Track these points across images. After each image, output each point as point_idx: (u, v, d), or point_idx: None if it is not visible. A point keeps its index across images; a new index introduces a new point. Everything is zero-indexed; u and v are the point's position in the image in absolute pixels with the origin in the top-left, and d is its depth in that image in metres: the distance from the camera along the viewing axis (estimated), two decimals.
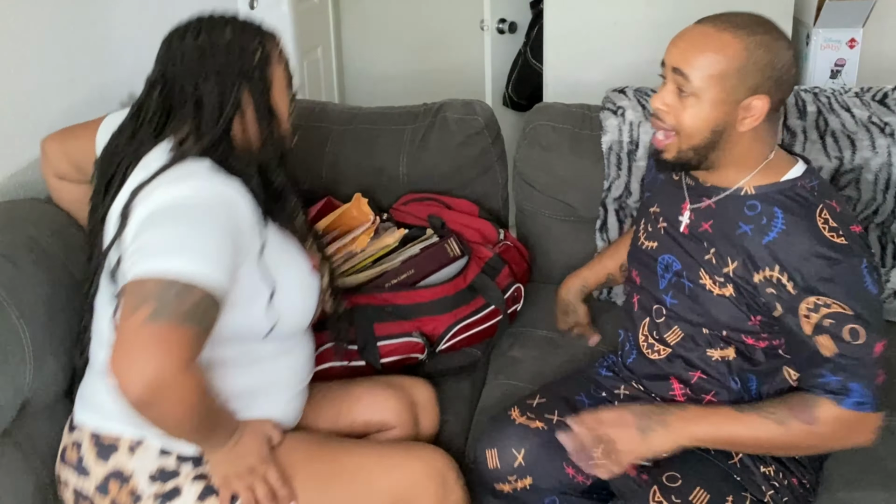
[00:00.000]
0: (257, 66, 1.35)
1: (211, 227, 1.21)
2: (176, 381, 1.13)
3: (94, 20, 1.95)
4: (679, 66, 1.32)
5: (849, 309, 1.28)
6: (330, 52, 3.82)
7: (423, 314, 1.80)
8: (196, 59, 1.33)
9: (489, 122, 2.14)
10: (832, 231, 1.30)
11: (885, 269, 1.95)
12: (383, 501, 1.38)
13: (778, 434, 1.32)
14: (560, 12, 2.73)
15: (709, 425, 1.37)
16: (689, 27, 1.35)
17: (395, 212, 2.06)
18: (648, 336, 1.52)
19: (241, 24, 1.39)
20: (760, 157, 1.38)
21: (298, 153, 2.16)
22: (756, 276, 1.35)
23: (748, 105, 1.30)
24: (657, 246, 1.51)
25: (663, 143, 1.38)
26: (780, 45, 1.31)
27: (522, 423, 1.52)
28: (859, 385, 1.29)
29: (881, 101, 1.94)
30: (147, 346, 1.12)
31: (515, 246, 2.06)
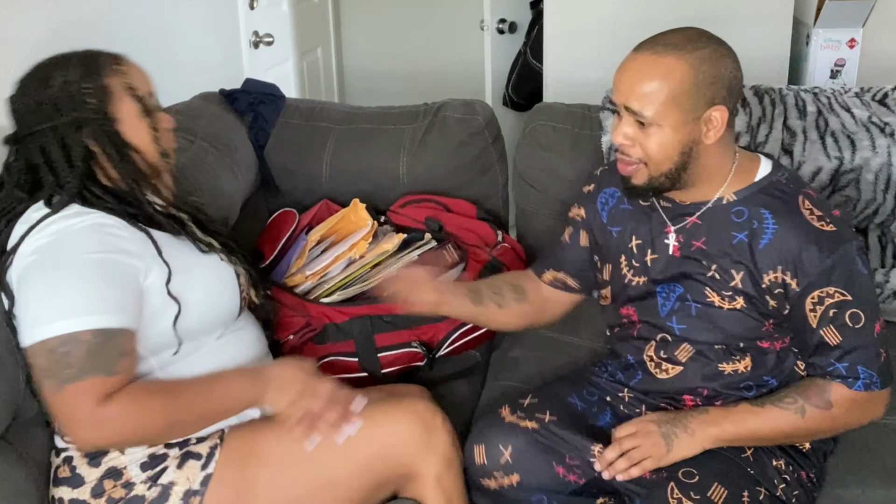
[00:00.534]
0: (94, 109, 1.34)
1: (78, 267, 1.25)
2: (104, 424, 1.22)
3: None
4: (629, 104, 1.31)
5: (848, 295, 1.32)
6: (330, 52, 3.83)
7: (422, 322, 1.80)
8: (33, 115, 1.34)
9: (489, 122, 2.14)
10: (820, 220, 1.33)
11: (885, 269, 1.95)
12: (369, 450, 1.39)
13: (798, 422, 1.36)
14: (560, 12, 2.72)
15: (731, 424, 1.39)
16: (629, 58, 1.34)
17: (393, 214, 2.06)
18: (654, 356, 1.50)
19: (75, 66, 1.36)
20: (729, 163, 1.40)
21: (299, 153, 2.18)
22: (763, 281, 1.36)
23: (708, 118, 1.31)
24: (646, 280, 1.48)
25: (630, 171, 1.38)
26: (721, 53, 1.32)
27: (512, 421, 1.52)
28: (865, 367, 1.34)
29: (881, 101, 1.94)
30: (63, 413, 1.23)
31: (513, 248, 2.06)
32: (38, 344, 1.22)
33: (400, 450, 1.41)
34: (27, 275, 1.26)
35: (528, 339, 1.94)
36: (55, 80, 1.34)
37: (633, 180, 1.38)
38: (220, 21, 2.63)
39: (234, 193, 2.02)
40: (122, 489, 1.33)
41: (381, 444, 1.40)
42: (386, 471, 1.41)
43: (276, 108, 2.23)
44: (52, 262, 1.26)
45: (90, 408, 1.21)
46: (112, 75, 1.37)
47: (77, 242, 1.27)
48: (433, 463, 1.42)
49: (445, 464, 1.44)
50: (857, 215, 1.94)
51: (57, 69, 1.36)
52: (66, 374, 1.21)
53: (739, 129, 1.94)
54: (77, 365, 1.21)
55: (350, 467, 1.38)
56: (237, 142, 2.13)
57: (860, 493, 1.47)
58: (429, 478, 1.42)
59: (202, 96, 2.21)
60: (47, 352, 1.22)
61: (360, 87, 4.05)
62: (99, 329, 1.23)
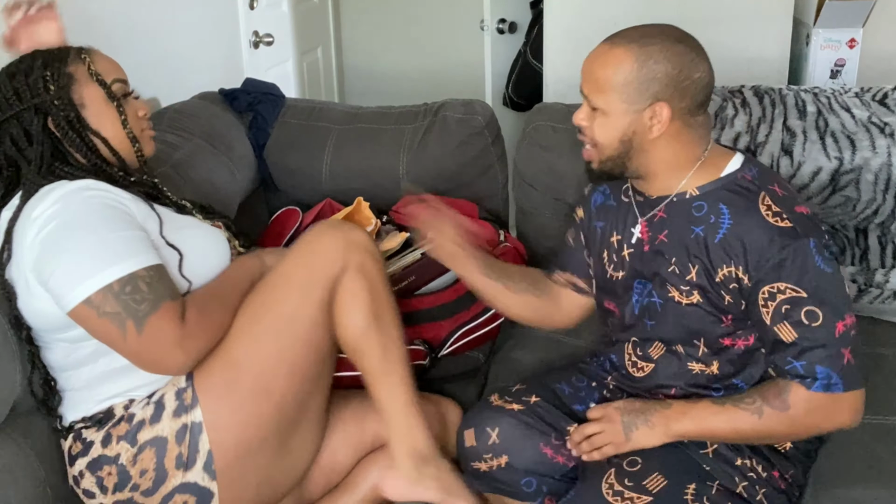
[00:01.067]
0: (55, 95, 1.39)
1: (103, 218, 1.32)
2: (190, 338, 1.33)
3: None
4: (583, 88, 1.40)
5: (802, 292, 1.30)
6: (330, 52, 3.83)
7: (424, 321, 1.81)
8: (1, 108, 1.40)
9: (489, 122, 2.14)
10: (776, 216, 1.32)
11: (885, 269, 1.95)
12: (301, 273, 1.46)
13: (756, 423, 1.35)
14: (560, 12, 2.72)
15: (690, 421, 1.40)
16: (594, 48, 1.42)
17: (395, 214, 2.06)
18: (632, 354, 1.53)
19: (39, 58, 1.42)
20: (691, 157, 1.40)
21: (298, 153, 2.18)
22: (717, 275, 1.37)
23: (652, 113, 1.34)
24: (624, 275, 1.50)
25: (588, 155, 1.44)
26: (675, 51, 1.33)
27: (498, 404, 1.57)
28: (824, 368, 1.30)
29: (881, 101, 1.94)
30: (152, 347, 1.31)
31: (515, 247, 2.06)
32: (100, 292, 1.27)
33: (327, 259, 1.46)
34: (51, 242, 1.30)
35: (529, 340, 1.94)
36: (19, 73, 1.41)
37: (591, 164, 1.44)
38: (220, 21, 2.63)
39: (230, 189, 2.02)
40: (125, 423, 1.39)
41: (309, 262, 1.47)
42: (324, 279, 1.46)
43: (275, 108, 2.23)
44: (75, 220, 1.31)
45: (176, 329, 1.31)
46: (76, 63, 1.43)
47: (86, 198, 1.33)
48: (356, 254, 1.48)
49: (367, 253, 1.50)
50: (857, 215, 1.94)
51: (22, 63, 1.42)
52: (142, 308, 1.29)
53: (739, 129, 1.94)
54: (148, 298, 1.29)
55: (295, 297, 1.44)
56: (237, 142, 2.13)
57: (859, 493, 1.47)
58: (353, 267, 1.47)
59: (202, 96, 2.21)
60: (114, 296, 1.28)
61: (360, 87, 4.05)
62: (149, 265, 1.32)
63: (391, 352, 1.51)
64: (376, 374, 1.51)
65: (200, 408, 1.38)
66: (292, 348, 1.43)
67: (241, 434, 1.40)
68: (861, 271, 1.96)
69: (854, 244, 1.99)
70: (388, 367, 1.50)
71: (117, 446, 1.38)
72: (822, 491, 1.48)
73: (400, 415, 1.52)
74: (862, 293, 1.91)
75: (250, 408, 1.40)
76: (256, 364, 1.41)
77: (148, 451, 1.37)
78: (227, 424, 1.39)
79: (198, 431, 1.37)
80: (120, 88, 1.46)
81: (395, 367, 1.51)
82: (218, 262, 1.49)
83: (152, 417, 1.38)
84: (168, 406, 1.38)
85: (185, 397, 1.38)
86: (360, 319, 1.48)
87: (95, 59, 1.45)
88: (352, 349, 1.50)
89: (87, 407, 1.42)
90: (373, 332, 1.48)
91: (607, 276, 1.55)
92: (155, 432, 1.37)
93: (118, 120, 1.44)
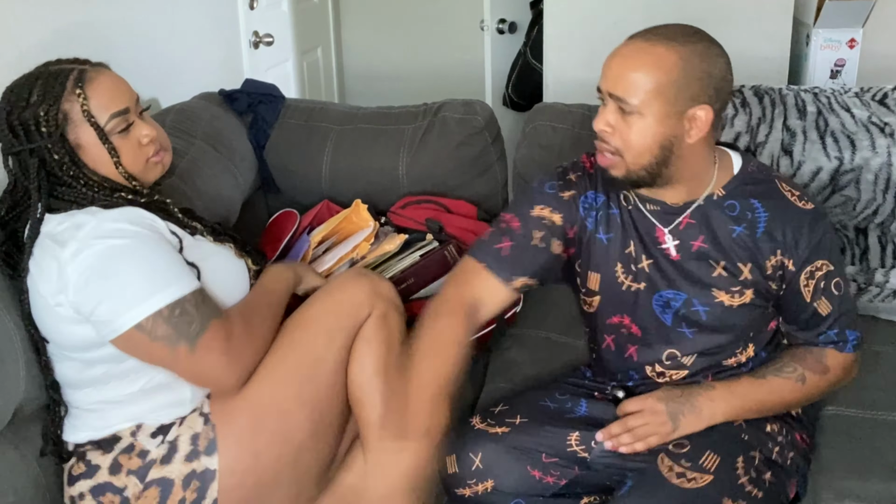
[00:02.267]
0: (48, 139, 1.36)
1: (141, 248, 1.34)
2: (242, 354, 1.38)
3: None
4: (614, 91, 1.29)
5: (831, 265, 1.40)
6: (330, 52, 3.83)
7: None
8: (2, 141, 1.39)
9: (489, 122, 2.14)
10: (801, 200, 1.39)
11: (885, 268, 1.95)
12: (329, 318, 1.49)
13: (799, 389, 1.42)
14: (560, 12, 2.72)
15: (737, 399, 1.42)
16: (621, 45, 1.33)
17: (393, 215, 2.05)
18: (655, 366, 1.49)
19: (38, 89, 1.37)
20: (712, 163, 1.41)
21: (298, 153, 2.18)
22: (766, 267, 1.40)
23: (692, 116, 1.29)
24: (646, 286, 1.45)
25: (609, 163, 1.35)
26: (714, 52, 1.31)
27: (481, 428, 1.51)
28: (852, 329, 1.43)
29: (881, 101, 1.94)
30: (205, 366, 1.35)
31: None
32: (150, 318, 1.30)
33: (353, 305, 1.50)
34: (96, 271, 1.30)
35: (526, 340, 1.94)
36: (17, 105, 1.37)
37: (613, 171, 1.36)
38: (220, 21, 2.63)
39: (234, 194, 2.02)
40: (138, 458, 1.38)
41: (336, 308, 1.50)
42: (349, 325, 1.49)
43: (275, 109, 2.23)
44: (117, 249, 1.32)
45: (226, 346, 1.35)
46: (71, 100, 1.37)
47: (120, 228, 1.34)
48: (381, 303, 1.51)
49: (392, 306, 1.54)
50: (857, 215, 1.94)
51: (22, 90, 1.38)
52: (193, 329, 1.32)
53: (739, 129, 1.94)
54: (197, 319, 1.33)
55: (321, 342, 1.47)
56: (237, 142, 2.13)
57: (860, 486, 1.48)
58: (376, 315, 1.50)
59: (202, 96, 2.21)
60: (164, 320, 1.31)
61: (360, 87, 4.05)
62: (193, 290, 1.35)
63: (392, 409, 1.47)
64: (371, 427, 1.49)
65: (219, 454, 1.37)
66: (316, 393, 1.44)
67: (259, 478, 1.39)
68: (861, 271, 1.96)
69: (854, 244, 1.99)
70: (384, 423, 1.47)
71: (126, 478, 1.37)
72: (822, 483, 1.49)
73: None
74: (862, 292, 1.91)
75: (272, 452, 1.40)
76: (280, 407, 1.41)
77: (153, 489, 1.36)
78: (246, 469, 1.38)
79: (209, 479, 1.36)
80: (117, 124, 1.39)
81: (391, 425, 1.47)
82: (234, 283, 1.49)
83: (164, 458, 1.37)
84: (181, 449, 1.38)
85: (199, 443, 1.38)
86: (369, 367, 1.48)
87: (93, 93, 1.37)
88: (354, 394, 1.49)
89: (93, 432, 1.41)
90: (378, 382, 1.47)
91: (622, 288, 1.47)
92: (163, 473, 1.37)
93: (110, 161, 1.40)
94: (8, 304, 1.38)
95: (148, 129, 1.44)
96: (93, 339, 1.34)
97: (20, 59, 1.47)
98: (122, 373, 1.38)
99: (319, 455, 1.48)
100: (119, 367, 1.38)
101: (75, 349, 1.37)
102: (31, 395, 1.41)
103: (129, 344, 1.32)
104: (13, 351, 1.37)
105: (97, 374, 1.38)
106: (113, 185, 1.42)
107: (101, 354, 1.36)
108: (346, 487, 1.57)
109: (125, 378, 1.38)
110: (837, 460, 1.52)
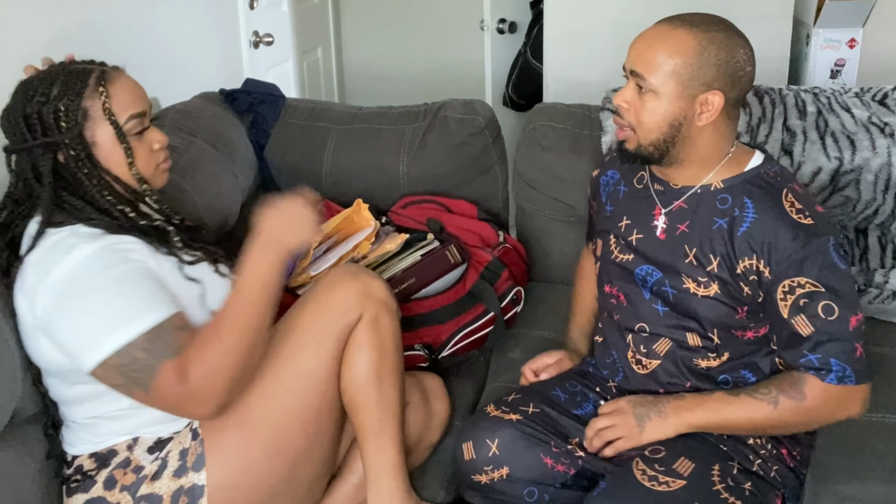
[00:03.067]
0: (67, 134, 1.34)
1: (104, 286, 1.28)
2: (201, 391, 1.27)
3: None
4: (635, 67, 1.37)
5: (821, 286, 1.33)
6: (330, 52, 3.83)
7: (425, 324, 1.80)
8: (13, 133, 1.37)
9: (489, 122, 2.14)
10: (799, 213, 1.36)
11: (885, 269, 1.95)
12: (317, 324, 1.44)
13: (771, 413, 1.38)
14: (560, 12, 2.72)
15: (704, 411, 1.42)
16: (648, 28, 1.40)
17: (394, 215, 2.05)
18: (636, 352, 1.53)
19: (59, 84, 1.36)
20: (723, 151, 1.43)
21: (299, 153, 2.18)
22: (738, 267, 1.39)
23: (704, 100, 1.35)
24: (632, 258, 1.51)
25: (624, 135, 1.42)
26: (735, 42, 1.36)
27: (496, 415, 1.55)
28: (839, 361, 1.35)
29: (881, 101, 1.94)
30: (169, 407, 1.30)
31: (514, 248, 2.06)
32: (100, 367, 1.26)
33: (342, 310, 1.45)
34: (58, 308, 1.28)
35: (527, 340, 1.94)
36: (36, 98, 1.35)
37: (626, 144, 1.43)
38: (220, 21, 2.63)
39: (235, 194, 2.02)
40: (133, 474, 1.37)
41: (324, 314, 1.45)
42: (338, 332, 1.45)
43: (275, 108, 2.23)
44: (79, 289, 1.28)
45: (180, 389, 1.26)
46: (93, 97, 1.36)
47: (92, 266, 1.29)
48: (371, 305, 1.46)
49: (383, 307, 1.48)
50: (857, 215, 1.94)
51: (41, 85, 1.36)
52: (142, 377, 1.26)
53: (740, 129, 1.94)
54: (145, 366, 1.26)
55: (310, 352, 1.43)
56: (237, 142, 2.13)
57: (861, 490, 1.47)
58: (367, 319, 1.46)
59: (202, 96, 2.21)
60: (114, 369, 1.26)
61: (360, 87, 4.05)
62: (147, 329, 1.27)
63: (387, 412, 1.49)
64: (367, 432, 1.49)
65: (206, 470, 1.36)
66: (307, 404, 1.43)
67: (251, 494, 1.39)
68: (861, 271, 1.96)
69: (854, 244, 1.99)
70: (380, 428, 1.48)
71: (119, 494, 1.36)
72: (822, 487, 1.49)
73: (382, 477, 1.50)
74: (861, 293, 1.91)
75: (263, 467, 1.39)
76: (271, 422, 1.39)
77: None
78: (237, 485, 1.38)
79: (198, 495, 1.35)
80: (135, 125, 1.40)
81: (388, 430, 1.49)
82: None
83: (154, 474, 1.37)
84: (170, 465, 1.37)
85: (188, 459, 1.37)
86: (362, 373, 1.46)
87: (114, 92, 1.38)
88: (349, 402, 1.48)
89: (90, 445, 1.41)
90: (372, 388, 1.47)
91: (612, 257, 1.56)
92: (152, 489, 1.36)
93: (125, 162, 1.40)
94: (3, 308, 1.37)
95: (160, 135, 1.46)
96: (63, 365, 1.33)
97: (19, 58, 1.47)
98: (107, 389, 1.34)
99: (315, 466, 1.48)
100: (102, 385, 1.34)
101: (50, 373, 1.38)
102: (30, 398, 1.41)
103: (101, 379, 1.30)
104: (10, 353, 1.36)
105: (87, 390, 1.37)
106: (123, 188, 1.40)
107: (79, 377, 1.33)
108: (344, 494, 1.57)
109: (116, 393, 1.35)
110: (837, 463, 1.52)
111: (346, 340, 1.46)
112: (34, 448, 1.43)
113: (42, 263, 1.31)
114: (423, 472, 1.66)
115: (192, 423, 1.41)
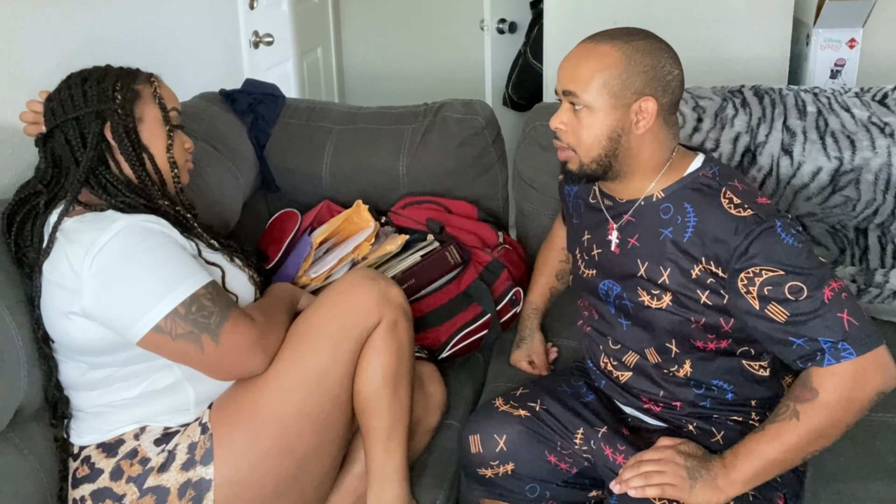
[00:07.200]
0: (119, 105, 1.43)
1: (158, 247, 1.34)
2: (264, 337, 1.39)
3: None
4: (567, 87, 1.38)
5: (779, 270, 1.29)
6: (330, 52, 3.83)
7: (423, 328, 1.80)
8: (64, 106, 1.42)
9: (489, 122, 2.14)
10: (738, 207, 1.34)
11: (885, 269, 1.95)
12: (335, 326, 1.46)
13: (798, 427, 1.29)
14: (560, 12, 2.72)
15: (744, 461, 1.32)
16: (572, 49, 1.42)
17: (394, 216, 2.05)
18: (608, 363, 1.55)
19: (113, 72, 1.47)
20: (662, 160, 1.42)
21: (299, 153, 2.18)
22: (692, 273, 1.37)
23: (638, 108, 1.35)
24: (595, 273, 1.52)
25: (566, 156, 1.43)
26: (658, 47, 1.37)
27: (506, 410, 1.57)
28: (826, 338, 1.27)
29: (881, 101, 1.94)
30: (232, 355, 1.37)
31: (514, 248, 2.06)
32: (169, 316, 1.31)
33: (361, 312, 1.46)
34: (108, 277, 1.30)
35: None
36: (91, 78, 1.45)
37: (569, 165, 1.43)
38: (220, 21, 2.63)
39: (236, 194, 2.02)
40: (139, 465, 1.38)
41: (343, 316, 1.46)
42: (356, 335, 1.46)
43: (276, 109, 2.23)
44: (128, 254, 1.32)
45: (251, 329, 1.37)
46: (144, 84, 1.48)
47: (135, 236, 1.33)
48: (390, 310, 1.48)
49: (402, 313, 1.50)
50: (857, 215, 1.94)
51: (96, 72, 1.46)
52: (213, 321, 1.33)
53: (739, 129, 1.94)
54: (216, 311, 1.34)
55: (326, 352, 1.44)
56: (237, 142, 2.13)
57: (861, 489, 1.48)
58: (385, 324, 1.47)
59: (202, 96, 2.21)
60: (181, 318, 1.32)
61: (360, 87, 4.06)
62: (207, 283, 1.36)
63: (398, 418, 1.49)
64: (376, 436, 1.49)
65: (214, 465, 1.37)
66: (319, 405, 1.43)
67: (258, 490, 1.39)
68: (861, 271, 1.96)
69: (854, 244, 1.99)
70: (390, 433, 1.49)
71: (126, 486, 1.37)
72: (822, 486, 1.49)
73: (386, 481, 1.51)
74: (862, 293, 1.91)
75: (271, 465, 1.39)
76: (282, 420, 1.40)
77: (149, 497, 1.37)
78: (244, 480, 1.38)
79: (205, 489, 1.36)
80: (175, 117, 1.50)
81: (397, 434, 1.50)
82: (242, 293, 1.49)
83: (161, 466, 1.38)
84: (178, 458, 1.38)
85: (196, 452, 1.38)
86: (378, 378, 1.47)
87: (161, 87, 1.51)
88: (361, 404, 1.48)
89: (98, 435, 1.42)
90: (387, 393, 1.47)
91: (580, 272, 1.57)
92: (159, 481, 1.37)
93: (165, 143, 1.47)
94: (11, 305, 1.38)
95: (188, 139, 1.55)
96: (104, 343, 1.34)
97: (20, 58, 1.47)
98: (125, 376, 1.38)
99: (324, 467, 1.48)
100: (123, 371, 1.38)
101: (84, 353, 1.38)
102: (33, 395, 1.42)
103: (153, 345, 1.32)
104: (15, 351, 1.37)
105: (101, 376, 1.39)
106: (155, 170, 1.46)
107: (109, 359, 1.36)
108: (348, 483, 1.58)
109: (128, 381, 1.39)
110: (837, 462, 1.52)
111: (362, 343, 1.47)
112: (36, 446, 1.43)
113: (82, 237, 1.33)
114: (422, 473, 1.65)
115: (202, 417, 1.42)
